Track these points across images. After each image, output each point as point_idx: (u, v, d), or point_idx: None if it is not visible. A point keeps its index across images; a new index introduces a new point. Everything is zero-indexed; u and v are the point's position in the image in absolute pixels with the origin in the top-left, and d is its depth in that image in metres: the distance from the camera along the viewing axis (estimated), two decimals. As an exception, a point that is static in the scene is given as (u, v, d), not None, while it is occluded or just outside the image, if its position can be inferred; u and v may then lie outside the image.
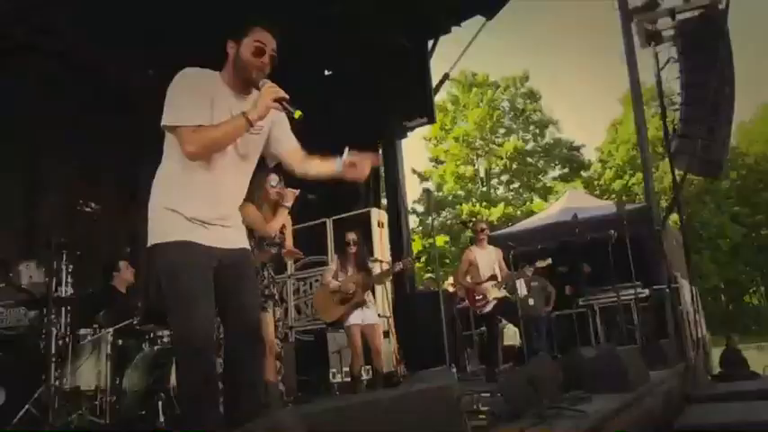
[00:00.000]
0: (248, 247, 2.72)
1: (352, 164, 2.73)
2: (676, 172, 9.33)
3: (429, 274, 13.17)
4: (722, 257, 32.75)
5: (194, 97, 2.46)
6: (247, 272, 2.67)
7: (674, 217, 12.09)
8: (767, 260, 34.56)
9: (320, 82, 10.45)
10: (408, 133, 10.43)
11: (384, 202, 10.17)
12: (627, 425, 3.74)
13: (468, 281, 7.01)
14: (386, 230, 9.05)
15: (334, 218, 8.87)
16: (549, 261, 7.86)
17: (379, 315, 7.01)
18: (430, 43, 10.02)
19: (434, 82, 10.02)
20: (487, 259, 7.06)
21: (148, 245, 2.53)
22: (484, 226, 7.35)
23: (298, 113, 2.54)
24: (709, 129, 8.73)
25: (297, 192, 4.52)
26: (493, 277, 6.95)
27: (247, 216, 4.13)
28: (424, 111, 9.88)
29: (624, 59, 8.93)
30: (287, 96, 2.58)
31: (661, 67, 9.49)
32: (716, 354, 13.70)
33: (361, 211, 8.93)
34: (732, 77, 9.18)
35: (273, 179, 4.45)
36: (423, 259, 30.31)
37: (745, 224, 33.32)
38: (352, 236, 5.91)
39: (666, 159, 11.63)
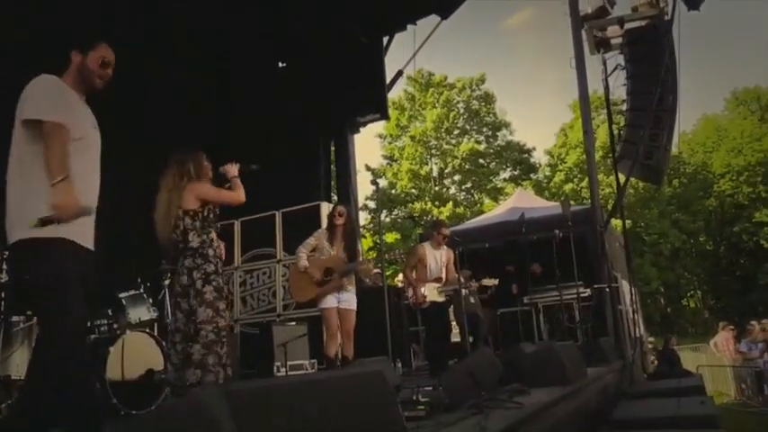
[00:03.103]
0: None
1: None
2: (620, 176, 9.55)
3: (376, 270, 13.11)
4: (663, 262, 33.62)
5: (58, 99, 2.90)
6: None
7: (619, 222, 12.41)
8: (705, 266, 35.72)
9: (274, 74, 10.37)
10: (361, 129, 10.42)
11: (335, 196, 10.12)
12: (563, 417, 3.80)
13: (412, 276, 6.99)
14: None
15: (282, 210, 8.78)
16: (496, 282, 7.97)
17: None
18: (385, 40, 10.04)
19: (389, 79, 10.03)
20: (438, 260, 7.03)
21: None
22: (447, 233, 7.20)
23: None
24: (651, 135, 8.97)
25: (236, 163, 4.35)
26: (438, 279, 6.96)
27: (209, 191, 4.08)
28: (377, 107, 9.88)
29: (573, 65, 9.08)
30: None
31: (609, 73, 9.71)
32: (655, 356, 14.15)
33: (310, 204, 8.85)
34: (676, 87, 9.44)
35: (203, 156, 4.25)
36: (373, 256, 30.47)
37: (685, 230, 34.27)
38: (340, 208, 5.74)
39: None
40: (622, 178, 9.44)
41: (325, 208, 8.85)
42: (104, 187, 3.19)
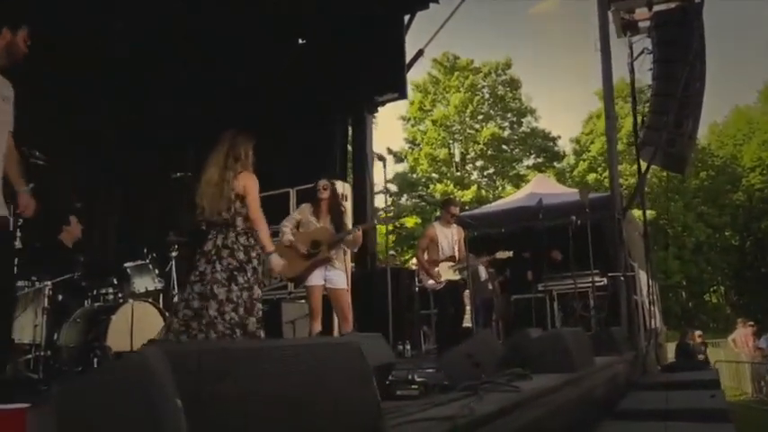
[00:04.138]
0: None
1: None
2: (642, 164, 9.35)
3: (391, 252, 13.13)
4: (686, 255, 33.19)
5: None
6: None
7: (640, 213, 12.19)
8: (729, 261, 35.15)
9: (293, 51, 10.29)
10: (379, 108, 10.32)
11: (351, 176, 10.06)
12: (563, 404, 3.71)
13: (424, 257, 6.94)
14: (349, 204, 8.93)
15: (297, 188, 8.73)
16: (510, 254, 7.83)
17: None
18: (406, 19, 9.88)
19: (409, 58, 9.89)
20: (449, 238, 6.97)
21: None
22: (457, 210, 7.18)
23: None
24: (676, 122, 8.73)
25: None
26: (451, 258, 6.89)
27: (254, 189, 4.17)
28: (395, 86, 9.74)
29: (598, 47, 8.86)
30: None
31: (635, 57, 9.47)
32: (672, 348, 13.98)
33: (333, 183, 8.79)
34: (703, 73, 9.18)
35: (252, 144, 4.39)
36: (392, 239, 30.39)
37: (710, 224, 33.77)
38: (323, 182, 5.60)
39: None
40: (644, 166, 9.23)
41: (339, 186, 8.78)
42: (116, 163, 3.25)
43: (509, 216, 10.53)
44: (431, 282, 6.85)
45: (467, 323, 9.27)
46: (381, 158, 5.68)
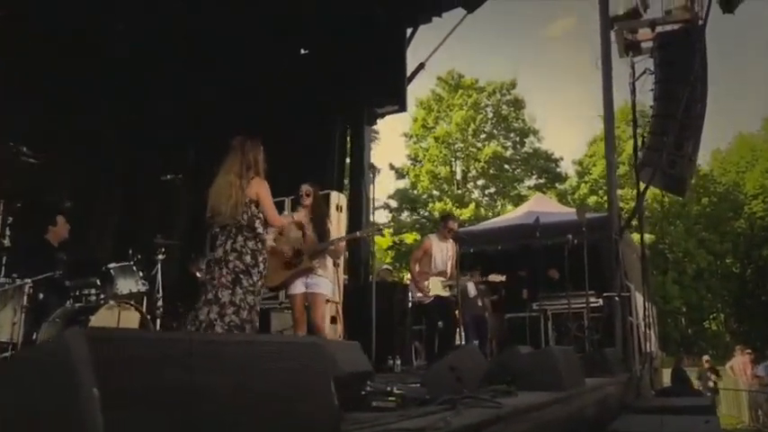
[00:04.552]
0: None
1: None
2: (641, 185, 9.27)
3: (386, 266, 13.04)
4: (686, 281, 33.01)
5: None
6: None
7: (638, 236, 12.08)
8: (730, 288, 34.94)
9: (294, 60, 10.27)
10: (379, 120, 10.28)
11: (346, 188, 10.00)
12: (548, 423, 3.61)
13: (416, 269, 6.85)
14: (344, 215, 8.84)
15: (292, 197, 8.64)
16: (503, 278, 7.78)
17: (328, 300, 6.84)
18: (409, 32, 9.87)
19: (410, 71, 9.86)
20: (444, 253, 6.92)
21: None
22: (455, 226, 7.20)
23: None
24: (676, 143, 8.68)
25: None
26: (442, 273, 6.82)
27: (267, 195, 4.37)
28: (395, 98, 9.71)
29: (599, 66, 8.82)
30: None
31: (636, 77, 9.44)
32: (667, 374, 13.82)
33: (320, 192, 8.71)
34: (705, 95, 9.15)
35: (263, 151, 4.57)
36: (392, 255, 30.27)
37: (711, 251, 33.61)
38: (305, 187, 5.52)
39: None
40: (642, 186, 9.15)
41: (335, 197, 8.71)
42: (102, 167, 3.14)
43: (506, 233, 10.44)
44: (419, 294, 6.79)
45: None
46: (373, 168, 5.59)
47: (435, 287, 6.72)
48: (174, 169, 6.34)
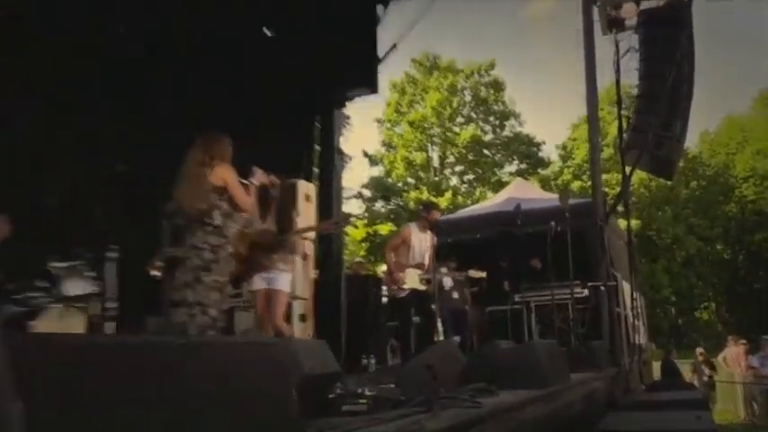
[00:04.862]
0: None
1: None
2: (627, 169, 9.34)
3: (359, 258, 13.01)
4: (675, 268, 33.44)
5: None
6: None
7: (623, 222, 12.17)
8: (721, 276, 35.47)
9: (260, 42, 10.12)
10: (349, 104, 10.17)
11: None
12: (531, 421, 3.60)
13: (392, 258, 6.81)
14: (314, 205, 8.77)
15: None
16: (483, 275, 7.82)
17: (295, 297, 6.78)
18: (380, 10, 9.77)
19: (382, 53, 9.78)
20: (423, 244, 6.88)
21: None
22: (439, 216, 7.23)
23: None
24: (663, 124, 8.74)
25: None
26: (420, 266, 6.79)
27: (233, 178, 4.43)
28: (367, 80, 9.60)
29: (581, 43, 8.84)
30: None
31: (621, 55, 9.49)
32: (657, 367, 13.99)
33: (286, 182, 8.63)
34: (692, 75, 9.21)
35: (229, 140, 4.66)
36: (365, 248, 30.26)
37: (701, 236, 34.05)
38: (271, 177, 5.42)
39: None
40: (628, 170, 9.22)
41: (303, 186, 8.64)
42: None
43: (485, 221, 10.45)
44: (393, 287, 6.76)
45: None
46: (344, 155, 5.54)
47: (412, 280, 6.69)
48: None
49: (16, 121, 6.58)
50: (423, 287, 6.80)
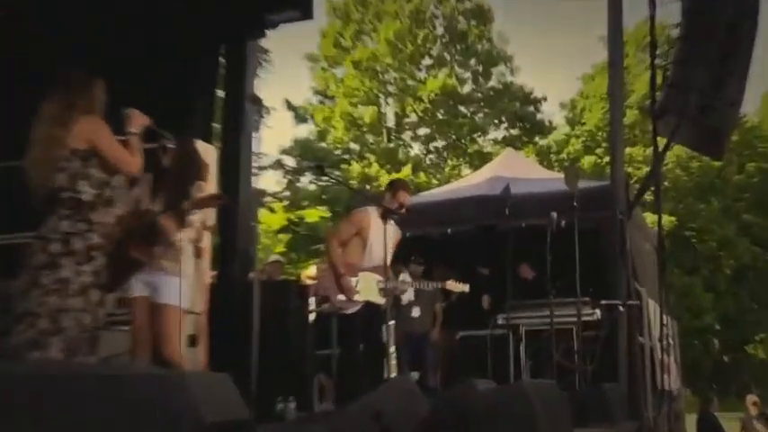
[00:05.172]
0: None
1: None
2: (659, 141, 9.49)
3: (275, 256, 12.85)
4: (721, 284, 33.92)
5: None
6: None
7: (651, 217, 12.36)
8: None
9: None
10: (269, 32, 10.16)
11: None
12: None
13: (340, 256, 6.84)
14: (213, 175, 8.76)
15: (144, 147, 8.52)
16: (466, 289, 7.91)
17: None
18: None
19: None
20: (383, 240, 6.81)
21: None
22: (407, 201, 7.16)
23: None
24: (713, 81, 8.85)
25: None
26: (379, 270, 6.75)
27: (105, 135, 4.52)
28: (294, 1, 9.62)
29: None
30: None
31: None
32: (692, 421, 14.38)
33: (179, 141, 8.60)
34: (756, 10, 9.39)
35: (101, 86, 4.77)
36: (285, 242, 30.09)
37: (758, 240, 34.48)
38: (168, 140, 5.53)
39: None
40: (662, 144, 9.40)
41: (201, 149, 8.61)
42: None
43: (458, 210, 10.48)
44: (340, 297, 6.71)
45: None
46: (256, 101, 5.55)
47: (367, 289, 6.72)
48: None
49: None
50: (380, 301, 6.86)
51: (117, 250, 5.17)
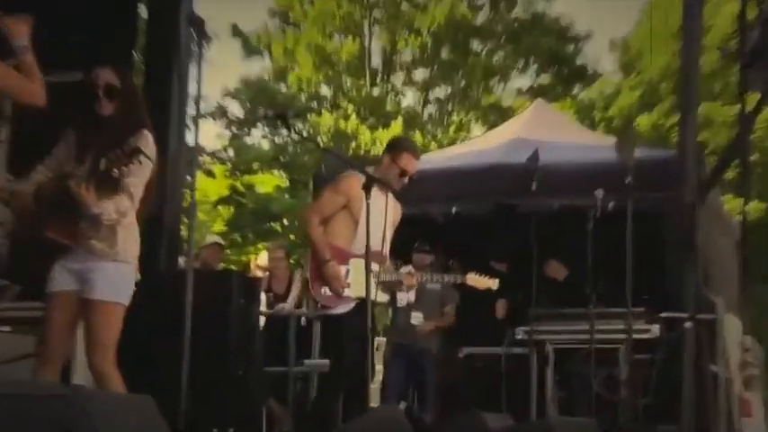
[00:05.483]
0: None
1: None
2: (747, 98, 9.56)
3: (214, 237, 12.72)
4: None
5: None
6: None
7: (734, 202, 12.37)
8: None
9: None
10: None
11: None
12: None
13: (322, 236, 6.84)
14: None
15: (48, 79, 8.55)
16: (494, 284, 7.84)
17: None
18: None
19: None
20: (381, 214, 6.78)
21: None
22: (413, 166, 7.12)
23: None
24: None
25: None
26: (377, 257, 6.69)
27: None
28: None
29: None
30: None
31: None
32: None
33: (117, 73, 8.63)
34: None
35: None
36: (226, 217, 30.09)
37: None
38: (106, 73, 5.34)
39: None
40: (753, 103, 9.45)
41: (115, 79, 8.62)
42: None
43: (469, 182, 10.53)
44: (324, 291, 6.71)
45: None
46: (196, 23, 5.56)
47: (357, 285, 6.70)
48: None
49: None
50: (380, 298, 6.93)
51: (27, 229, 5.19)
